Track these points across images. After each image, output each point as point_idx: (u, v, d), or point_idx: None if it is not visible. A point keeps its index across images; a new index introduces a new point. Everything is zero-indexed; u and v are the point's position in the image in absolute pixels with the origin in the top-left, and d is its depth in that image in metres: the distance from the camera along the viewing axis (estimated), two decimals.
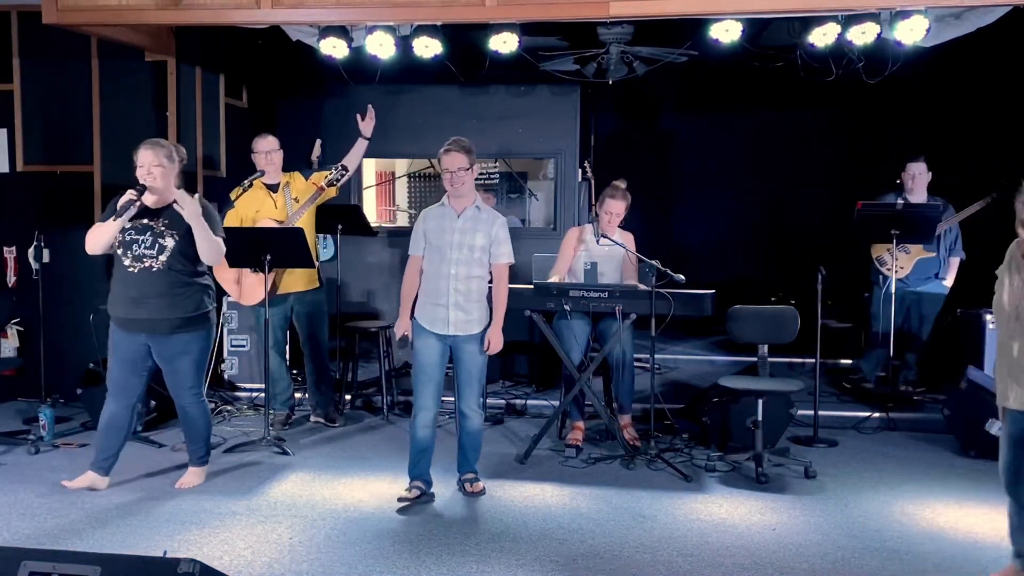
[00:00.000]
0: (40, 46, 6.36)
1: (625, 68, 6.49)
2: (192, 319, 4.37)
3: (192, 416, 4.54)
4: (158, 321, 4.31)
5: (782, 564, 3.70)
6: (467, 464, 4.55)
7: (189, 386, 4.46)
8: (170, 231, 4.31)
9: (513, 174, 8.34)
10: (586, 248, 5.42)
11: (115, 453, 4.53)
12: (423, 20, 5.43)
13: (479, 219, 4.37)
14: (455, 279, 4.31)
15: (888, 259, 6.19)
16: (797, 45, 5.87)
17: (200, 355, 4.47)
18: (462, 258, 4.32)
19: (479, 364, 4.42)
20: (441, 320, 4.33)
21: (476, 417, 4.47)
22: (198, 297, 4.40)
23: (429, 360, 4.36)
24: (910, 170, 6.13)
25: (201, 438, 4.62)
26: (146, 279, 4.28)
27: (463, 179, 4.31)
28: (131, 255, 4.29)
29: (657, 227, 8.95)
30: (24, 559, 2.60)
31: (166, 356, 4.40)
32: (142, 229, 4.30)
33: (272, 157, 5.63)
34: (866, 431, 5.81)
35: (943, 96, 7.40)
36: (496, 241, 4.39)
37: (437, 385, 4.39)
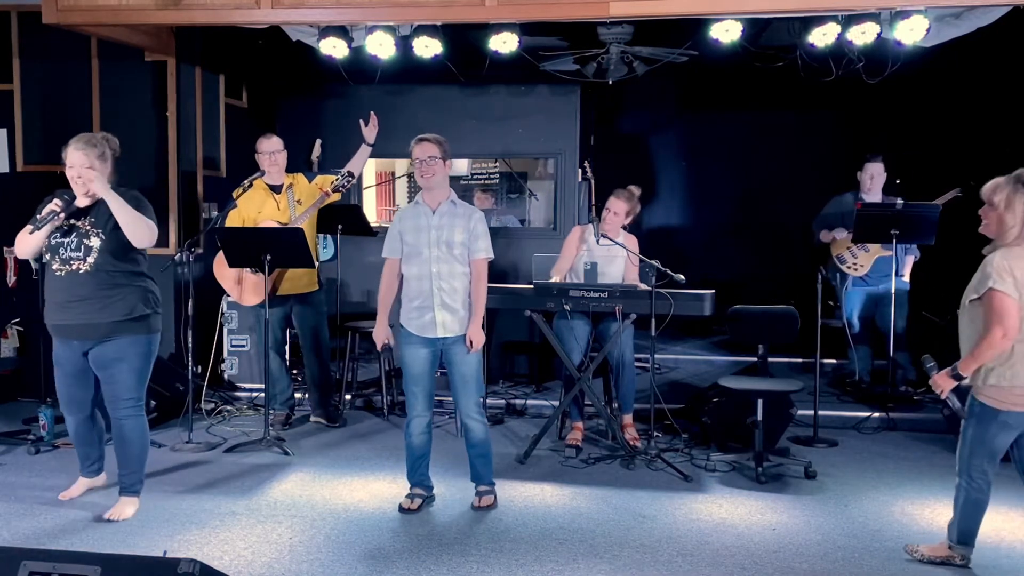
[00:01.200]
0: (40, 46, 6.36)
1: (625, 68, 6.49)
2: (127, 323, 4.01)
3: (127, 433, 4.12)
4: (88, 326, 3.98)
5: (782, 564, 3.70)
6: (477, 476, 4.41)
7: (126, 397, 4.08)
8: (95, 230, 3.99)
9: (513, 174, 8.33)
10: (588, 248, 5.42)
11: (98, 456, 4.42)
12: (423, 20, 5.42)
13: (455, 214, 4.22)
14: (438, 278, 4.16)
15: (848, 257, 6.28)
16: (797, 45, 5.86)
17: (139, 362, 4.08)
18: (441, 256, 4.17)
19: (473, 365, 4.26)
20: (429, 323, 4.19)
21: (478, 426, 4.31)
22: (133, 299, 4.04)
23: (419, 370, 4.24)
24: (868, 170, 6.23)
25: (136, 461, 4.18)
26: (74, 282, 3.97)
27: (433, 169, 4.16)
28: (59, 259, 3.99)
29: (657, 227, 8.95)
30: (24, 559, 2.60)
31: (101, 363, 4.06)
32: (67, 231, 4.01)
33: (276, 158, 5.62)
34: (866, 431, 5.81)
35: (943, 96, 7.40)
36: (474, 235, 4.21)
37: (428, 392, 4.29)
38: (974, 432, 3.52)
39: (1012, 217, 3.33)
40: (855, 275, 6.26)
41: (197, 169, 6.61)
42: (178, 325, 6.43)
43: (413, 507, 4.29)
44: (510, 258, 7.32)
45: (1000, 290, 3.28)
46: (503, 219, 8.11)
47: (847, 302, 6.31)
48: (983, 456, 3.52)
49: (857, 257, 6.22)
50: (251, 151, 5.72)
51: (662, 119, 9.09)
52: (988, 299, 3.31)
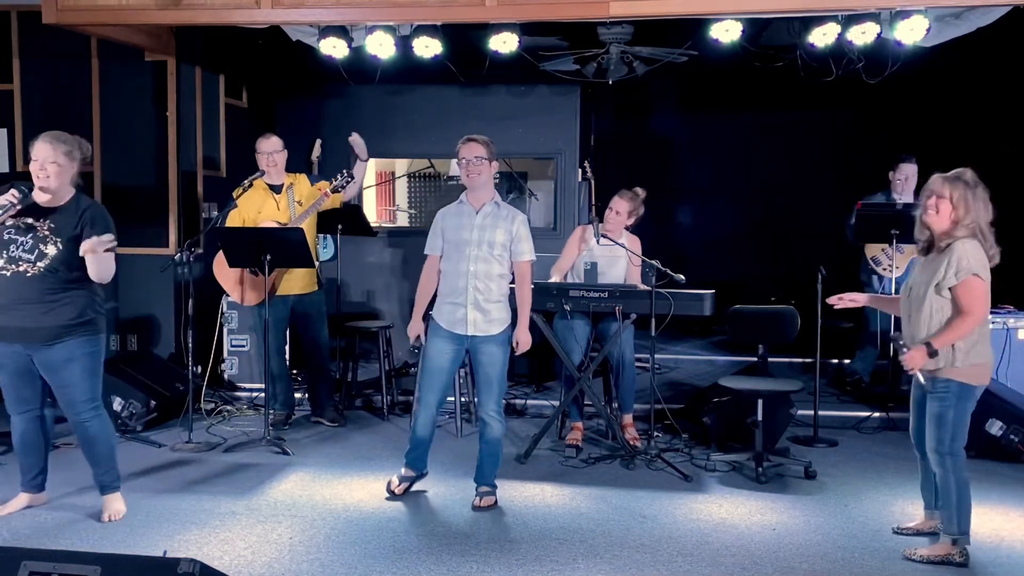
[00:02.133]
0: (40, 46, 6.36)
1: (625, 68, 6.48)
2: (73, 326, 3.87)
3: (92, 434, 4.02)
4: (33, 330, 3.82)
5: (782, 564, 3.70)
6: (482, 476, 4.42)
7: (84, 399, 3.95)
8: (54, 237, 3.82)
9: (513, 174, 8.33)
10: (589, 248, 5.42)
11: (42, 468, 4.21)
12: (423, 20, 5.43)
13: (499, 215, 4.27)
14: (474, 277, 4.21)
15: (884, 259, 6.21)
16: (797, 45, 5.86)
17: (90, 362, 3.95)
18: (481, 255, 4.21)
19: (498, 366, 4.30)
20: (459, 320, 4.24)
21: (496, 424, 4.33)
22: (80, 303, 3.89)
23: (440, 364, 4.30)
24: (902, 171, 6.13)
25: (105, 458, 4.10)
26: (19, 284, 3.80)
27: (479, 169, 4.20)
28: (6, 255, 3.81)
29: (657, 227, 8.93)
30: (24, 559, 2.60)
31: (50, 368, 3.91)
32: (24, 229, 3.83)
33: (275, 158, 5.61)
34: (866, 431, 5.81)
35: (943, 96, 7.40)
36: (517, 238, 4.27)
37: (443, 388, 4.36)
38: (956, 414, 3.63)
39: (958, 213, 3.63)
40: (890, 276, 6.11)
41: (197, 169, 6.61)
42: (178, 325, 6.44)
43: (400, 491, 4.43)
44: None
45: (981, 276, 3.57)
46: None
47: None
48: (963, 435, 3.66)
49: (892, 259, 6.10)
50: (251, 151, 5.72)
51: (662, 119, 9.09)
52: (969, 285, 3.56)
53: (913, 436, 3.90)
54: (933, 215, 3.67)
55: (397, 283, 7.58)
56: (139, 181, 6.44)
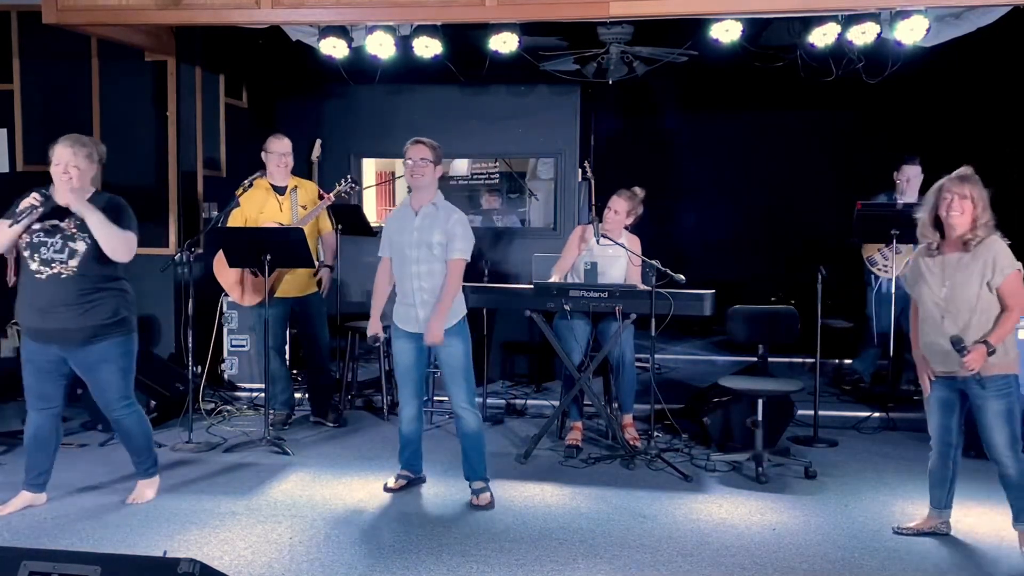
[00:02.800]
0: (40, 46, 6.37)
1: (625, 68, 6.48)
2: (108, 326, 4.03)
3: (127, 427, 4.24)
4: (70, 331, 3.97)
5: (782, 564, 3.70)
6: (471, 470, 4.45)
7: (118, 396, 4.15)
8: (82, 234, 3.96)
9: (513, 174, 8.33)
10: (588, 248, 5.42)
11: (47, 469, 4.28)
12: (423, 20, 5.43)
13: (436, 216, 4.33)
14: (418, 278, 4.31)
15: (879, 259, 6.20)
16: (797, 45, 5.86)
17: (123, 361, 4.13)
18: (422, 256, 4.30)
19: (459, 358, 4.35)
20: (412, 319, 4.38)
21: (471, 417, 4.38)
22: (113, 303, 4.05)
23: (406, 362, 4.46)
24: (905, 172, 6.12)
25: (143, 448, 4.34)
26: (55, 287, 3.94)
27: (423, 170, 4.29)
28: (39, 259, 3.95)
29: (657, 227, 8.92)
30: (24, 559, 2.60)
31: (85, 367, 4.09)
32: (51, 231, 3.97)
33: (286, 159, 5.63)
34: (866, 431, 5.81)
35: (943, 96, 7.40)
36: (451, 236, 4.30)
37: (416, 383, 4.50)
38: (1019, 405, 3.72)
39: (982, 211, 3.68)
40: (887, 277, 6.11)
41: (197, 169, 6.61)
42: (178, 325, 6.43)
43: (395, 486, 4.52)
44: (510, 258, 7.32)
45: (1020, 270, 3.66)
46: (503, 219, 8.11)
47: (877, 304, 6.17)
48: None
49: (888, 259, 6.10)
50: (251, 151, 5.72)
51: (662, 119, 9.09)
52: (1014, 279, 3.63)
53: (938, 435, 3.88)
54: (958, 216, 3.68)
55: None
56: (139, 181, 6.44)
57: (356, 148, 7.60)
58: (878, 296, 6.18)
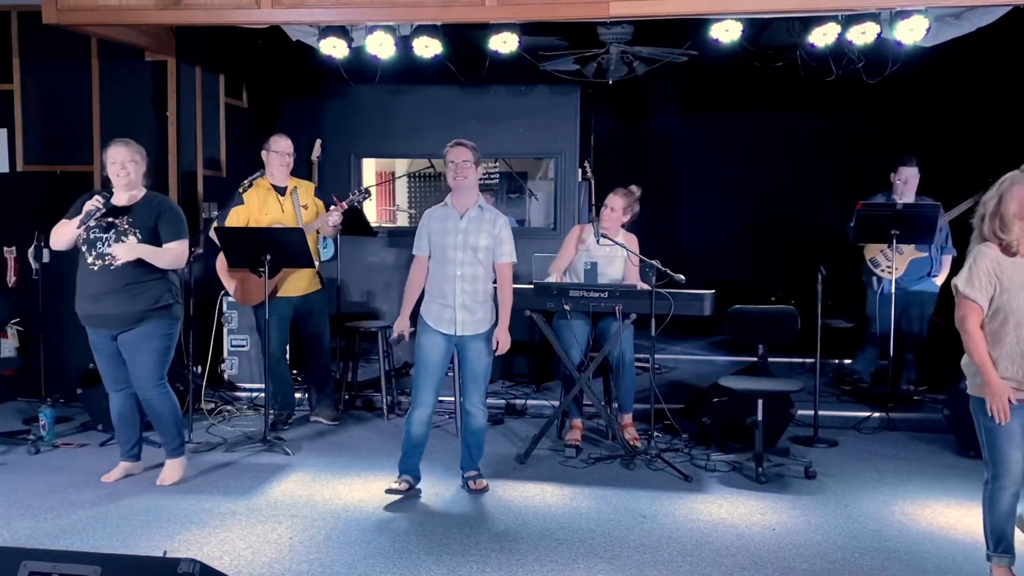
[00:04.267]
0: (40, 46, 6.36)
1: (625, 68, 6.48)
2: (151, 311, 4.40)
3: (158, 408, 4.54)
4: (117, 316, 4.36)
5: (782, 564, 3.70)
6: (470, 462, 4.58)
7: (150, 377, 4.46)
8: (133, 229, 4.36)
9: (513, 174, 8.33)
10: (587, 248, 5.42)
11: (137, 440, 4.72)
12: (423, 20, 5.42)
13: (482, 219, 4.36)
14: (460, 280, 4.33)
15: (882, 260, 6.20)
16: (797, 45, 5.86)
17: (161, 344, 4.46)
18: (466, 259, 4.33)
19: (485, 363, 4.43)
20: (448, 320, 4.36)
21: (480, 415, 4.50)
22: (157, 291, 4.41)
23: (432, 359, 4.39)
24: (902, 174, 6.09)
25: (172, 429, 4.61)
26: (106, 276, 4.33)
27: (466, 172, 4.32)
28: (94, 253, 4.36)
29: (657, 227, 8.93)
30: (24, 559, 2.60)
31: (128, 347, 4.43)
32: (106, 227, 4.36)
33: (288, 160, 5.67)
34: (866, 431, 5.81)
35: (943, 96, 7.40)
36: (499, 241, 4.38)
37: (437, 383, 4.44)
38: None
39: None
40: (889, 278, 6.07)
41: (197, 169, 6.61)
42: None
43: (401, 488, 4.41)
44: None
45: None
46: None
47: (879, 305, 6.15)
48: None
49: (891, 260, 6.07)
50: (251, 151, 5.72)
51: (662, 119, 9.09)
52: None
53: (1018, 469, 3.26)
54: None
55: (397, 283, 7.57)
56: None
57: (356, 148, 7.59)
58: (881, 297, 6.17)
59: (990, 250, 3.35)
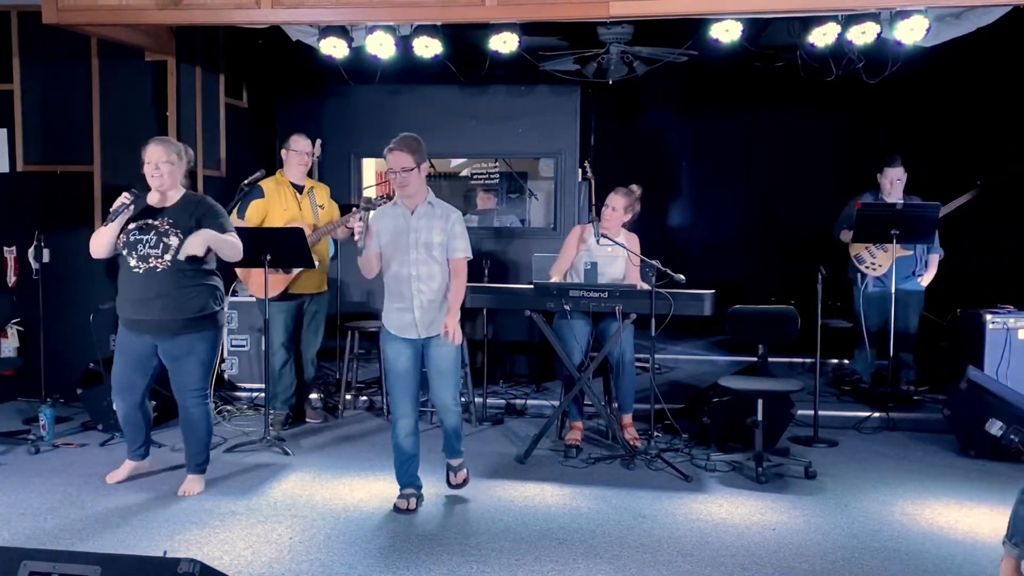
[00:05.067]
0: (40, 46, 6.36)
1: (625, 68, 6.49)
2: (198, 320, 4.31)
3: (194, 418, 4.46)
4: (164, 322, 4.26)
5: (782, 564, 3.70)
6: (451, 450, 4.42)
7: (194, 388, 4.40)
8: (175, 230, 4.26)
9: (513, 174, 8.33)
10: (587, 248, 5.42)
11: (144, 442, 4.63)
12: (423, 20, 5.43)
13: (433, 215, 4.19)
14: (418, 280, 4.16)
15: (867, 257, 6.23)
16: (797, 45, 5.86)
17: (206, 356, 4.40)
18: (421, 258, 4.16)
19: (452, 359, 4.24)
20: (408, 324, 4.19)
21: (454, 415, 4.32)
22: (204, 298, 4.33)
23: (403, 367, 4.22)
24: (888, 174, 6.13)
25: (202, 443, 4.53)
26: (152, 279, 4.23)
27: (408, 180, 4.11)
28: (136, 255, 4.25)
29: (657, 227, 8.94)
30: (24, 559, 2.61)
31: (172, 356, 4.36)
32: (146, 228, 4.26)
33: (307, 159, 5.73)
34: (866, 431, 5.81)
35: (943, 96, 7.40)
36: (452, 235, 4.20)
37: (414, 392, 4.26)
38: None
39: None
40: (874, 275, 6.16)
41: (197, 169, 6.60)
42: None
43: (411, 507, 4.26)
44: (510, 258, 7.32)
45: None
46: (503, 219, 8.11)
47: (865, 303, 6.20)
48: None
49: (876, 257, 6.12)
50: (251, 151, 5.73)
51: (662, 119, 9.09)
52: None
53: None
54: None
55: None
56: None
57: (356, 148, 7.60)
58: (866, 295, 6.20)
59: None
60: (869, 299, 6.19)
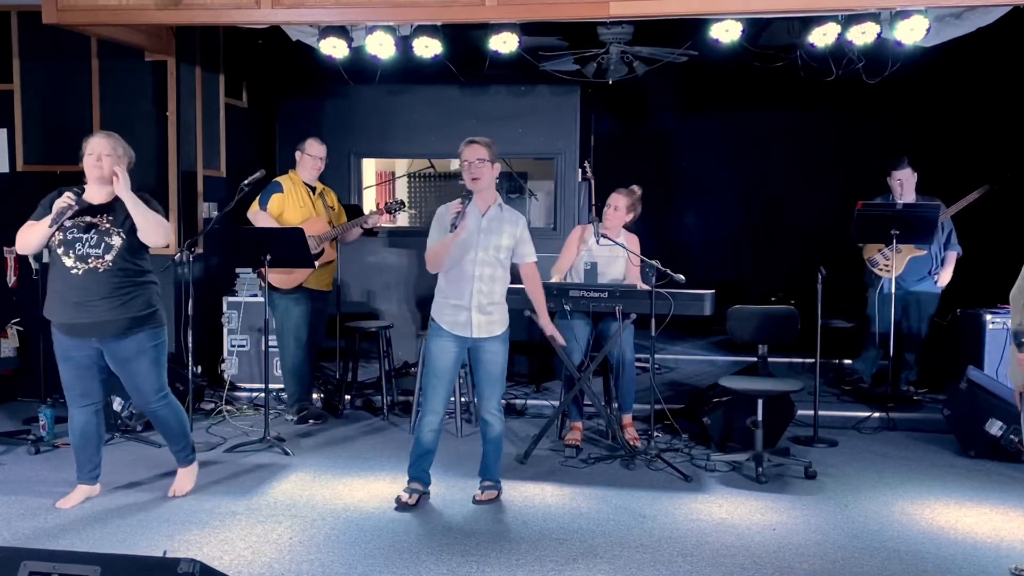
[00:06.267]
0: (40, 46, 6.36)
1: (625, 68, 6.49)
2: (142, 318, 4.11)
3: (163, 418, 4.33)
4: (107, 323, 4.02)
5: (782, 564, 3.70)
6: (486, 469, 4.45)
7: (153, 389, 4.23)
8: (116, 228, 4.04)
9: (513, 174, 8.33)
10: (588, 248, 5.42)
11: (98, 462, 4.38)
12: (423, 20, 5.42)
13: (503, 219, 4.26)
14: (479, 280, 4.19)
15: (880, 260, 6.21)
16: (797, 45, 5.86)
17: (156, 353, 4.21)
18: (487, 259, 4.20)
19: (500, 365, 4.31)
20: (463, 323, 4.21)
21: (498, 423, 4.37)
22: (146, 296, 4.14)
23: (444, 364, 4.26)
24: (896, 177, 6.13)
25: (180, 437, 4.43)
26: (91, 281, 3.99)
27: (481, 171, 4.15)
28: (74, 255, 3.99)
29: (657, 227, 8.94)
30: (24, 559, 2.60)
31: (120, 359, 4.13)
32: (86, 227, 4.02)
33: (320, 164, 5.80)
34: (866, 431, 5.81)
35: (943, 96, 7.40)
36: (522, 240, 4.30)
37: (448, 389, 4.31)
38: None
39: None
40: (888, 276, 6.11)
41: (197, 169, 6.61)
42: (178, 325, 6.42)
43: (411, 502, 4.28)
44: None
45: None
46: None
47: (879, 304, 6.17)
48: None
49: (889, 259, 6.09)
50: (251, 151, 5.73)
51: (662, 119, 9.09)
52: None
53: None
54: None
55: (397, 283, 7.58)
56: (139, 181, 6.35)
57: (356, 148, 7.60)
58: (880, 297, 6.18)
59: None
60: (884, 301, 6.12)
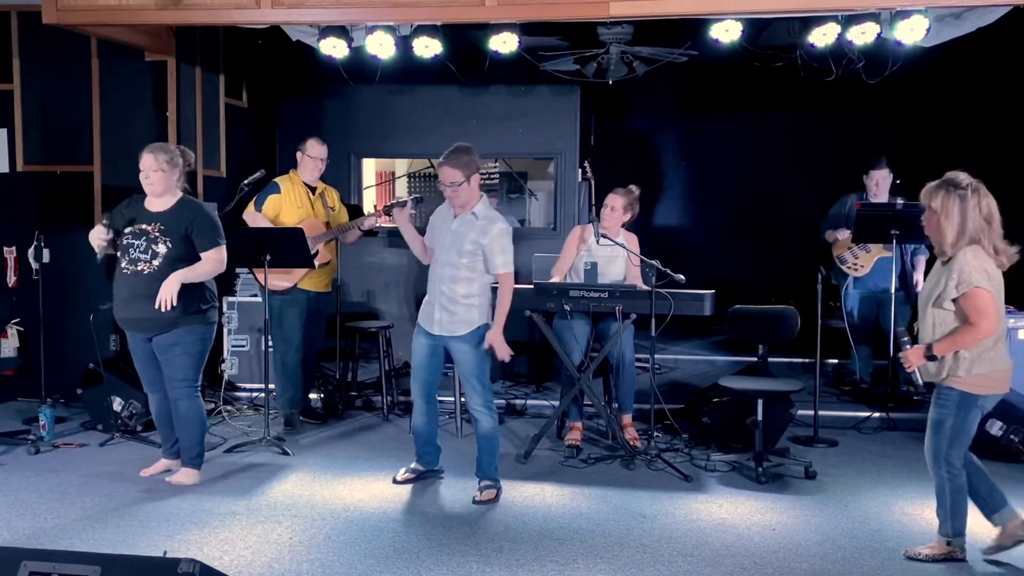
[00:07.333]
0: (40, 46, 6.36)
1: (625, 68, 6.49)
2: (183, 317, 4.40)
3: (184, 411, 4.53)
4: (148, 320, 4.38)
5: (782, 564, 3.70)
6: (482, 470, 4.52)
7: (182, 378, 4.47)
8: (164, 237, 4.38)
9: (513, 174, 8.33)
10: (588, 248, 5.42)
11: (175, 440, 4.70)
12: (423, 20, 5.42)
13: (472, 226, 4.35)
14: (442, 280, 4.41)
15: (849, 258, 6.31)
16: (797, 45, 5.87)
17: (194, 347, 4.48)
18: (449, 260, 4.38)
19: (471, 364, 4.44)
20: (430, 318, 4.46)
21: (484, 419, 4.47)
22: (193, 297, 4.42)
23: (418, 358, 4.54)
24: (873, 177, 6.25)
25: (194, 437, 4.59)
26: (138, 280, 4.37)
27: (458, 193, 4.32)
28: (127, 258, 4.41)
29: (657, 227, 8.95)
30: (24, 559, 2.60)
31: (161, 349, 4.46)
32: (138, 234, 4.41)
33: (320, 165, 5.79)
34: (866, 431, 5.81)
35: (943, 96, 7.39)
36: (490, 252, 4.33)
37: (425, 382, 4.56)
38: (955, 422, 3.59)
39: (948, 223, 3.54)
40: (856, 275, 6.29)
41: (197, 169, 6.60)
42: None
43: (401, 479, 4.66)
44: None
45: (982, 287, 3.46)
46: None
47: (848, 302, 6.35)
48: (963, 444, 3.64)
49: (858, 258, 6.25)
50: (251, 151, 5.73)
51: (662, 119, 9.09)
52: (971, 296, 3.47)
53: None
54: (926, 227, 3.66)
55: (397, 283, 7.58)
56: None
57: (356, 148, 7.60)
58: (848, 295, 6.31)
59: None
60: (851, 298, 6.34)
